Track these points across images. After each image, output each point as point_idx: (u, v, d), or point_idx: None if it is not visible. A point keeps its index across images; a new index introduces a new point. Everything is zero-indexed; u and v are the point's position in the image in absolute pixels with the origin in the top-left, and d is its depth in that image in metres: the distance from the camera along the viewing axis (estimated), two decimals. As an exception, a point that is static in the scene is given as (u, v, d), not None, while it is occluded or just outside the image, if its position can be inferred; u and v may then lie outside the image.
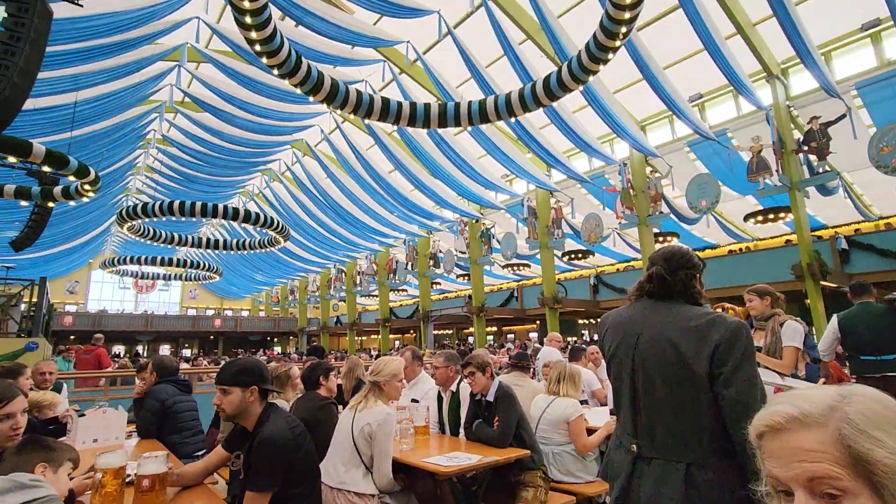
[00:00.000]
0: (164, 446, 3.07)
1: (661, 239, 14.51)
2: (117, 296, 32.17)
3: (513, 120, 9.62)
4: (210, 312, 34.40)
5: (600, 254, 18.41)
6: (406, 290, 25.26)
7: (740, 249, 16.48)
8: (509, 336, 28.29)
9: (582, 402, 3.91)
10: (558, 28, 9.27)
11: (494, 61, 11.60)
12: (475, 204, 17.07)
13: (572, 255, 16.74)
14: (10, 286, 9.04)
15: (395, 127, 12.22)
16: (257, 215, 12.75)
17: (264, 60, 7.17)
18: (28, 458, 1.45)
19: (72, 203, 10.94)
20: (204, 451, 3.41)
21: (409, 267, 19.93)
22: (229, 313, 35.35)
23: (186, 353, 30.61)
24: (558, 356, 4.59)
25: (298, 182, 18.22)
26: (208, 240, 17.05)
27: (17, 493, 1.24)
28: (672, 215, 13.24)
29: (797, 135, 10.69)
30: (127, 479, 1.88)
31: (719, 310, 3.77)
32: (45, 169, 8.53)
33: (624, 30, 6.23)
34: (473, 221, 17.60)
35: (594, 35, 6.57)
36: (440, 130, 11.61)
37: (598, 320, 3.33)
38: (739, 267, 13.20)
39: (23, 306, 8.35)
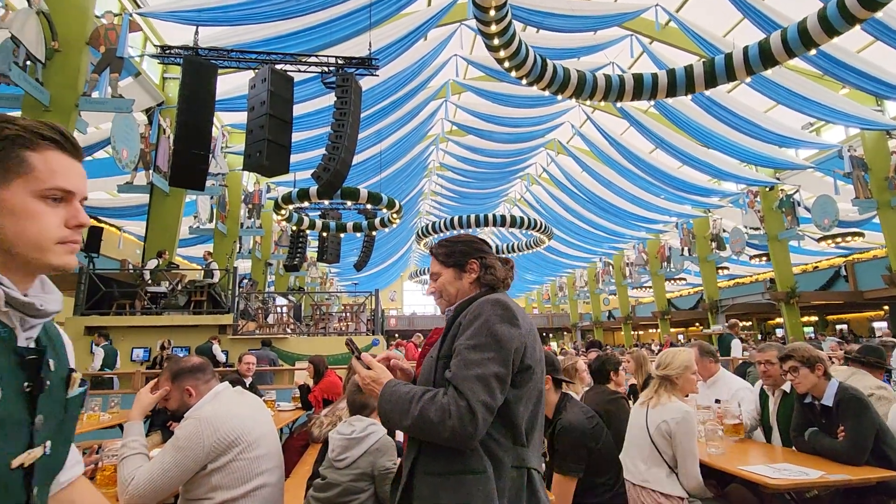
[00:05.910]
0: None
1: None
2: (422, 301, 39.46)
3: (812, 53, 7.54)
4: (492, 311, 38.63)
5: None
6: (685, 279, 22.76)
7: None
8: (839, 327, 21.99)
9: None
10: None
11: (774, -12, 9.39)
12: (766, 168, 14.08)
13: (939, 213, 11.86)
14: (357, 297, 12.15)
15: (651, 103, 11.21)
16: (522, 219, 13.78)
17: (513, 74, 7.68)
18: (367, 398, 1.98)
19: (386, 230, 14.09)
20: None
21: (686, 252, 17.85)
22: (508, 311, 38.85)
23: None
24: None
25: (555, 181, 18.68)
26: (483, 247, 19.31)
27: (363, 443, 1.81)
28: None
29: None
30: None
31: None
32: (368, 206, 11.29)
33: None
34: (767, 189, 14.52)
35: None
36: (708, 92, 10.04)
37: None
38: None
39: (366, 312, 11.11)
